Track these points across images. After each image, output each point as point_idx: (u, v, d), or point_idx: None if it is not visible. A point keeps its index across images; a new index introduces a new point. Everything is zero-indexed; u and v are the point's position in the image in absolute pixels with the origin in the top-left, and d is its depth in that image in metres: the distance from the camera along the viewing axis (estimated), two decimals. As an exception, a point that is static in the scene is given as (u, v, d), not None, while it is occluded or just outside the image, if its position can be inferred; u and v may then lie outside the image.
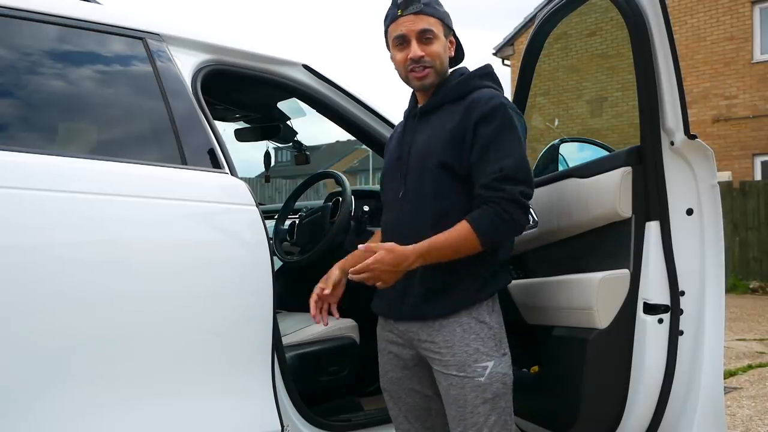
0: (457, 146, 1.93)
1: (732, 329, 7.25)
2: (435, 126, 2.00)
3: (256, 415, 2.09)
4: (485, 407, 1.91)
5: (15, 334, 1.70)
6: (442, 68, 2.01)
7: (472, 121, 1.92)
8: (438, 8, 2.01)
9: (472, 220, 1.87)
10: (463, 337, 1.92)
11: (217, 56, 2.38)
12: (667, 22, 2.04)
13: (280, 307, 2.59)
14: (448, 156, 1.93)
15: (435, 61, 1.98)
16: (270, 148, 3.52)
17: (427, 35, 1.97)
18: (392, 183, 2.07)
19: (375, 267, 1.83)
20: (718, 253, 2.11)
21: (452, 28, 2.06)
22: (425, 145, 1.99)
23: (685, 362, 2.09)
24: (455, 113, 1.97)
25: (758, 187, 11.51)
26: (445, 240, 1.87)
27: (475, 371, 1.90)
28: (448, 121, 1.97)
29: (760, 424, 4.21)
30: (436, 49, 1.98)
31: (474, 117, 1.92)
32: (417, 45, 1.97)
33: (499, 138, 1.90)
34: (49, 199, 1.78)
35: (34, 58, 2.00)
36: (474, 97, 1.97)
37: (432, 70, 1.99)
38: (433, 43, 1.98)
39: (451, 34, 2.05)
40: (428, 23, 1.97)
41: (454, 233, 1.87)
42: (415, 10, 1.96)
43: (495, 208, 1.87)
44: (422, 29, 1.97)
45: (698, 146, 2.08)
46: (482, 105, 1.93)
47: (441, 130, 1.97)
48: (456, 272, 1.92)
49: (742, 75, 13.89)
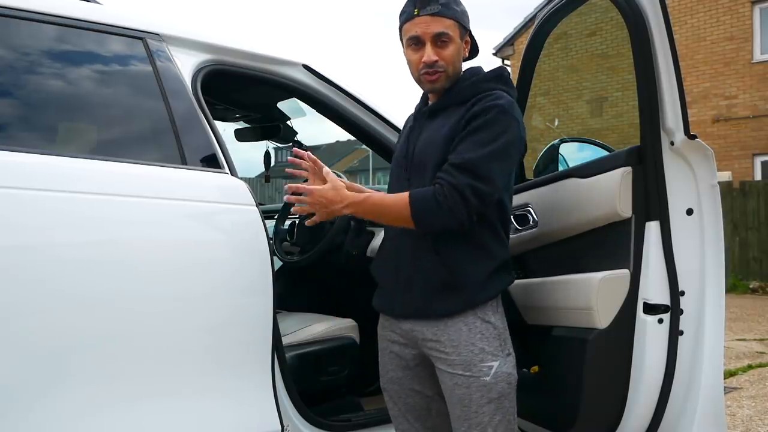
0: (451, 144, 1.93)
1: (732, 329, 7.25)
2: (437, 126, 2.00)
3: (256, 415, 2.09)
4: (490, 407, 1.91)
5: (14, 334, 1.70)
6: (455, 72, 1.99)
7: (466, 118, 1.91)
8: (456, 8, 1.96)
9: (413, 193, 1.88)
10: (468, 336, 1.92)
11: (217, 56, 2.38)
12: (667, 22, 2.04)
13: (280, 307, 2.59)
14: (446, 155, 1.92)
15: (448, 67, 1.96)
16: (270, 148, 3.52)
17: (442, 38, 1.94)
18: (398, 181, 2.06)
19: (315, 193, 1.86)
20: (718, 253, 2.11)
21: (468, 28, 2.02)
22: (426, 144, 1.99)
23: (685, 362, 2.09)
24: (458, 113, 1.96)
25: (758, 187, 11.51)
26: (383, 200, 1.91)
27: (481, 371, 1.90)
28: (449, 121, 1.97)
29: (760, 424, 4.21)
30: (450, 53, 1.95)
31: (468, 114, 1.91)
32: (432, 48, 1.94)
33: (478, 132, 1.87)
34: (49, 199, 1.78)
35: (35, 58, 2.00)
36: (477, 99, 1.95)
37: (444, 75, 1.97)
38: (448, 47, 1.95)
39: (467, 34, 2.02)
40: (444, 26, 1.93)
41: (394, 198, 1.91)
42: (432, 12, 1.92)
43: (435, 191, 1.84)
44: (438, 33, 1.93)
45: (698, 146, 2.08)
46: (480, 103, 1.91)
47: (440, 130, 1.97)
48: (460, 269, 1.92)
49: (742, 75, 13.89)
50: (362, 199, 1.89)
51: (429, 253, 1.93)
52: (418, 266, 1.94)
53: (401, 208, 1.86)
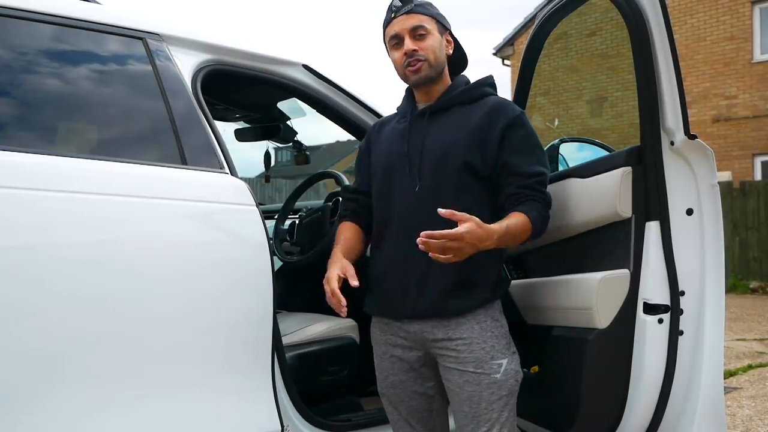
0: (479, 147, 1.99)
1: (732, 329, 7.25)
2: (452, 126, 2.03)
3: (256, 415, 2.09)
4: (500, 404, 1.94)
5: (14, 334, 1.70)
6: (437, 62, 2.04)
7: (499, 125, 2.00)
8: (430, 8, 2.08)
9: (527, 212, 1.94)
10: (481, 334, 1.95)
11: (217, 56, 2.38)
12: (667, 22, 2.04)
13: (280, 307, 2.59)
14: (471, 156, 1.98)
15: (428, 54, 2.02)
16: (270, 148, 3.52)
17: (419, 31, 2.02)
18: (397, 178, 2.05)
19: (466, 236, 1.75)
20: (718, 253, 2.11)
21: (448, 27, 2.11)
22: (445, 145, 2.01)
23: (685, 362, 2.09)
24: (472, 115, 2.03)
25: (758, 187, 11.50)
26: (515, 227, 1.91)
27: (492, 368, 1.93)
28: (466, 123, 2.02)
29: (760, 424, 4.21)
30: (429, 43, 2.03)
31: (501, 122, 2.00)
32: (410, 41, 2.02)
33: (532, 145, 2.03)
34: (48, 199, 1.78)
35: (35, 58, 2.00)
36: (495, 102, 2.06)
37: (426, 63, 2.02)
38: (426, 39, 2.03)
39: (447, 32, 2.10)
40: (419, 20, 2.03)
41: (518, 222, 1.92)
42: (406, 10, 2.04)
43: (540, 207, 1.98)
44: (414, 26, 2.02)
45: (698, 146, 2.08)
46: (507, 112, 2.02)
47: (460, 131, 2.01)
48: (475, 268, 1.93)
49: (742, 75, 13.89)
50: (504, 232, 1.86)
51: None
52: (435, 265, 1.89)
53: (525, 230, 1.95)
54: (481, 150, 1.99)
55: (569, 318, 2.20)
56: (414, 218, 1.98)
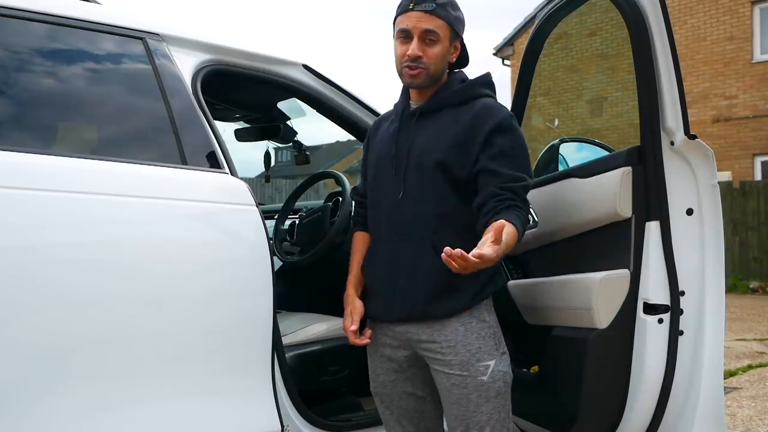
0: (461, 150, 1.94)
1: (732, 329, 7.25)
2: (436, 128, 1.99)
3: (256, 415, 2.09)
4: (488, 406, 1.91)
5: (14, 334, 1.70)
6: (436, 72, 1.99)
7: (485, 129, 1.93)
8: (450, 11, 1.98)
9: (511, 219, 1.82)
10: (465, 336, 1.92)
11: (217, 56, 2.38)
12: (667, 22, 2.04)
13: (280, 307, 2.59)
14: (450, 158, 1.94)
15: (431, 65, 1.97)
16: (270, 148, 3.52)
17: (430, 36, 1.95)
18: (386, 181, 2.04)
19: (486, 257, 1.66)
20: (718, 253, 2.11)
21: (460, 34, 2.03)
22: (426, 146, 1.98)
23: (685, 362, 2.09)
24: (459, 117, 1.97)
25: (758, 187, 11.51)
26: (512, 240, 1.80)
27: (478, 370, 1.91)
28: (452, 125, 1.97)
29: (760, 424, 4.21)
30: (435, 52, 1.96)
31: (487, 125, 1.93)
32: (418, 43, 1.95)
33: (516, 149, 1.95)
34: (48, 199, 1.78)
35: (35, 58, 2.00)
36: (483, 105, 1.98)
37: (425, 72, 1.97)
38: (435, 46, 1.96)
39: (457, 39, 2.03)
40: (435, 25, 1.94)
41: (510, 231, 1.80)
42: (425, 8, 1.94)
43: (523, 216, 1.89)
44: (427, 29, 1.94)
45: (698, 146, 2.08)
46: (494, 115, 1.95)
47: (444, 132, 1.97)
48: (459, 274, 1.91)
49: (742, 75, 13.89)
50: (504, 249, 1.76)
51: (430, 255, 1.92)
52: (419, 269, 1.93)
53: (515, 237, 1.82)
54: (464, 153, 1.94)
55: (569, 318, 2.20)
56: (399, 222, 1.99)
